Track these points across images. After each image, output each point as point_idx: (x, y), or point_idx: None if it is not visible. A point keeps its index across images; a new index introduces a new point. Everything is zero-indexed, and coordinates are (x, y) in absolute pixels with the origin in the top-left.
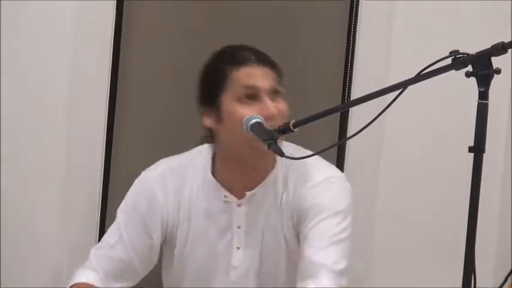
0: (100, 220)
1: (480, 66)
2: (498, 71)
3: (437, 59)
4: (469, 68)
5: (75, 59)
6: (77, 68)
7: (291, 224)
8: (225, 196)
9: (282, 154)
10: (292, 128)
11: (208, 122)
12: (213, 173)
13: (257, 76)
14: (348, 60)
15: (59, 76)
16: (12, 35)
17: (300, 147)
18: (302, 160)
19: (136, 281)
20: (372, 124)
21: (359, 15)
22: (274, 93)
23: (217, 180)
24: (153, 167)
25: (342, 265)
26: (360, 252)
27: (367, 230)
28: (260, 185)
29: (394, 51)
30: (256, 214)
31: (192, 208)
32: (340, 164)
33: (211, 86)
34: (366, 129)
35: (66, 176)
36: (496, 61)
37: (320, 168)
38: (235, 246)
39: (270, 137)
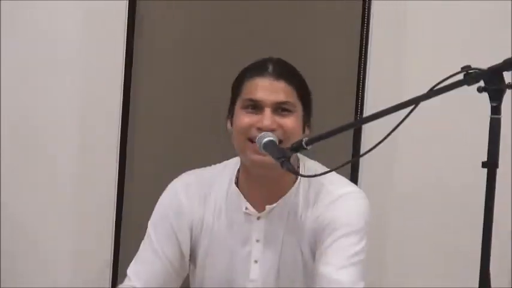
0: (115, 228)
1: (492, 81)
2: (510, 86)
3: (449, 75)
4: (481, 83)
5: (87, 60)
6: (89, 68)
7: (308, 241)
8: (246, 208)
9: (296, 172)
10: (305, 146)
11: (227, 125)
12: (237, 185)
13: (263, 89)
14: (361, 68)
15: (71, 76)
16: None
17: (320, 164)
18: (322, 176)
19: None
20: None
21: (371, 19)
22: (278, 108)
23: (241, 192)
24: (180, 177)
25: (360, 286)
26: (373, 267)
27: (380, 245)
28: (281, 199)
29: (408, 55)
30: (275, 228)
31: (215, 218)
32: (353, 180)
33: (233, 91)
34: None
35: (77, 182)
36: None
37: (339, 184)
38: (253, 259)
39: (282, 155)
